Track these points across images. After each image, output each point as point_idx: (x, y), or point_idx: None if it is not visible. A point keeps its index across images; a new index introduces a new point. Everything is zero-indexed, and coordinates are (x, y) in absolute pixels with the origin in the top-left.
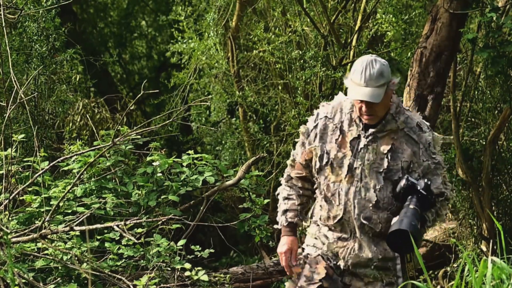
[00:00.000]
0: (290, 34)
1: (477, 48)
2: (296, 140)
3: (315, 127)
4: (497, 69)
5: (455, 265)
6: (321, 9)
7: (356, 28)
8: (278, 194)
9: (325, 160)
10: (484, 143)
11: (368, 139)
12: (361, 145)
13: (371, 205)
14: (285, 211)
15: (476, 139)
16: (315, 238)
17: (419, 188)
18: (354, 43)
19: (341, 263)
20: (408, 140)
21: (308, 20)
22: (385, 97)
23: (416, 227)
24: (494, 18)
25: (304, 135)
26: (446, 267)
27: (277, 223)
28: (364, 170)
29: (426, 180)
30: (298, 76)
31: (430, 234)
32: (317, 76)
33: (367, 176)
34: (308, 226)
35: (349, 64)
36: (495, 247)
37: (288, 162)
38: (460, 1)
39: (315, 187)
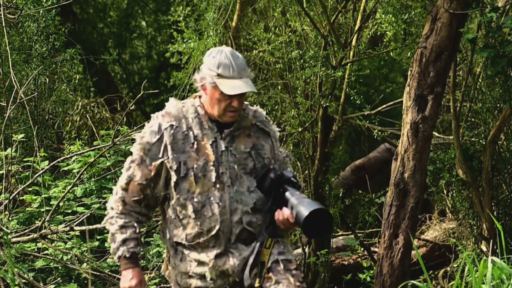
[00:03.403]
0: (290, 34)
1: (477, 48)
2: (295, 140)
3: (159, 139)
4: (497, 69)
5: (455, 265)
6: (321, 9)
7: (356, 28)
8: (105, 223)
9: (183, 172)
10: (484, 143)
11: (226, 141)
12: (222, 148)
13: (249, 208)
14: (124, 241)
15: (476, 139)
16: (190, 277)
17: (289, 177)
18: (354, 43)
19: (233, 279)
20: (262, 134)
21: (308, 20)
22: None
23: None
24: (494, 18)
25: (142, 151)
26: (446, 267)
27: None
28: (233, 174)
29: (289, 169)
30: (298, 76)
31: (430, 234)
32: (317, 76)
33: (237, 179)
34: (168, 265)
35: (349, 64)
36: (495, 247)
37: (120, 186)
38: (460, 1)
39: (172, 205)
